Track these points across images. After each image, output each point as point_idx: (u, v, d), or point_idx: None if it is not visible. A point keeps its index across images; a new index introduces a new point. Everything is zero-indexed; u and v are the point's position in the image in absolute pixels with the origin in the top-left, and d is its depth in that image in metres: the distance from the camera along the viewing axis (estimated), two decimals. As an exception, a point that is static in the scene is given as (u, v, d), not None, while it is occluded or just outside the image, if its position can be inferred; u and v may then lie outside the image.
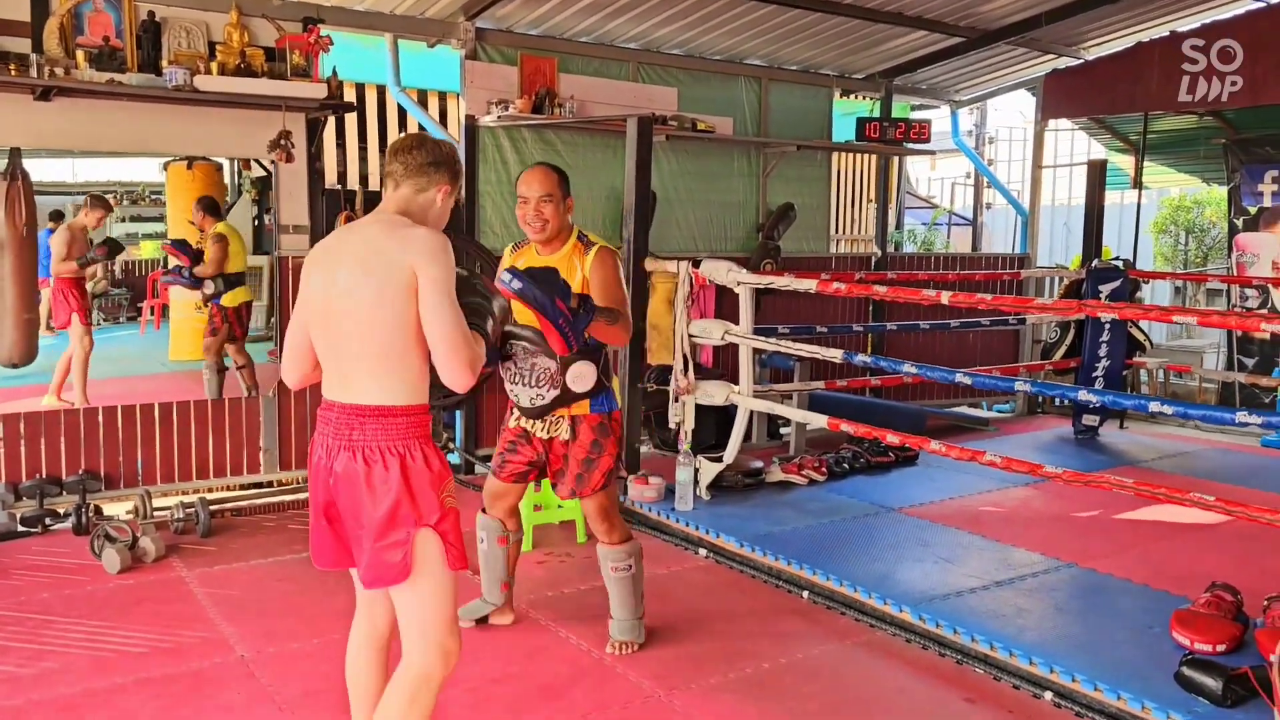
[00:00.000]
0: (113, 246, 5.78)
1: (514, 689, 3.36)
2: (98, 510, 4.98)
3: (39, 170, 5.21)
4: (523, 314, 3.11)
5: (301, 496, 5.56)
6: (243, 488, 5.60)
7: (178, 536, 4.88)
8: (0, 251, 4.95)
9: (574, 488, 3.53)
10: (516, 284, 2.92)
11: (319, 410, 2.42)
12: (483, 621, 3.85)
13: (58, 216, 5.95)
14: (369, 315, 2.28)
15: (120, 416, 5.20)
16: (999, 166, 13.47)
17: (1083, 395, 4.62)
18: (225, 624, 3.85)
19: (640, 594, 3.70)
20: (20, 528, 4.85)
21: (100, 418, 5.15)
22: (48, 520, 4.91)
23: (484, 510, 3.82)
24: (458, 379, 2.29)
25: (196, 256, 5.88)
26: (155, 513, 5.00)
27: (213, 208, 5.81)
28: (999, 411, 8.66)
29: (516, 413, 3.57)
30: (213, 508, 5.05)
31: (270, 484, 5.70)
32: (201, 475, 5.39)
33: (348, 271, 2.32)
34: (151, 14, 4.94)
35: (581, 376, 3.34)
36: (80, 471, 5.07)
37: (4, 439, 4.92)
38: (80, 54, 4.69)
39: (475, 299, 2.49)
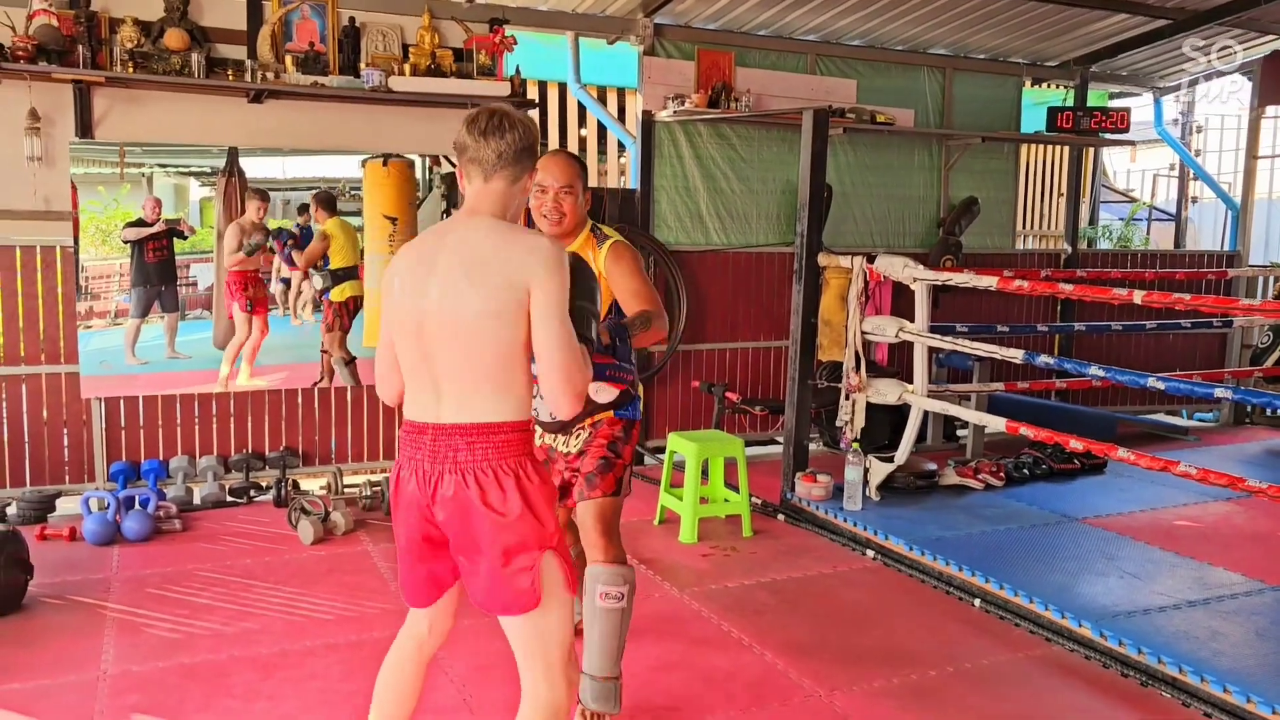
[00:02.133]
0: (269, 234, 5.99)
1: (676, 678, 3.40)
2: (295, 485, 5.36)
3: (253, 168, 5.63)
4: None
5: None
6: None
7: (365, 512, 5.18)
8: (220, 242, 5.39)
9: (583, 489, 3.08)
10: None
11: (403, 433, 2.22)
12: None
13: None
14: (476, 328, 2.09)
15: (317, 399, 5.58)
16: (1207, 157, 12.50)
17: (1296, 405, 4.25)
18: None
19: (623, 642, 3.01)
20: (228, 498, 5.27)
21: (300, 400, 5.55)
22: (252, 492, 5.33)
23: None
24: (565, 406, 2.11)
25: (299, 245, 5.96)
26: (345, 489, 5.32)
27: (328, 202, 5.93)
28: (1200, 420, 8.08)
29: (539, 430, 3.15)
30: (397, 487, 5.33)
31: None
32: (388, 455, 5.71)
33: (447, 281, 2.10)
34: (352, 19, 5.25)
35: (603, 388, 2.97)
36: (281, 448, 5.47)
37: (216, 416, 5.36)
38: (289, 59, 5.04)
39: (584, 302, 2.24)
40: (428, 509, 2.16)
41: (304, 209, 5.88)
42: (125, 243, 5.43)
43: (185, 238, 5.67)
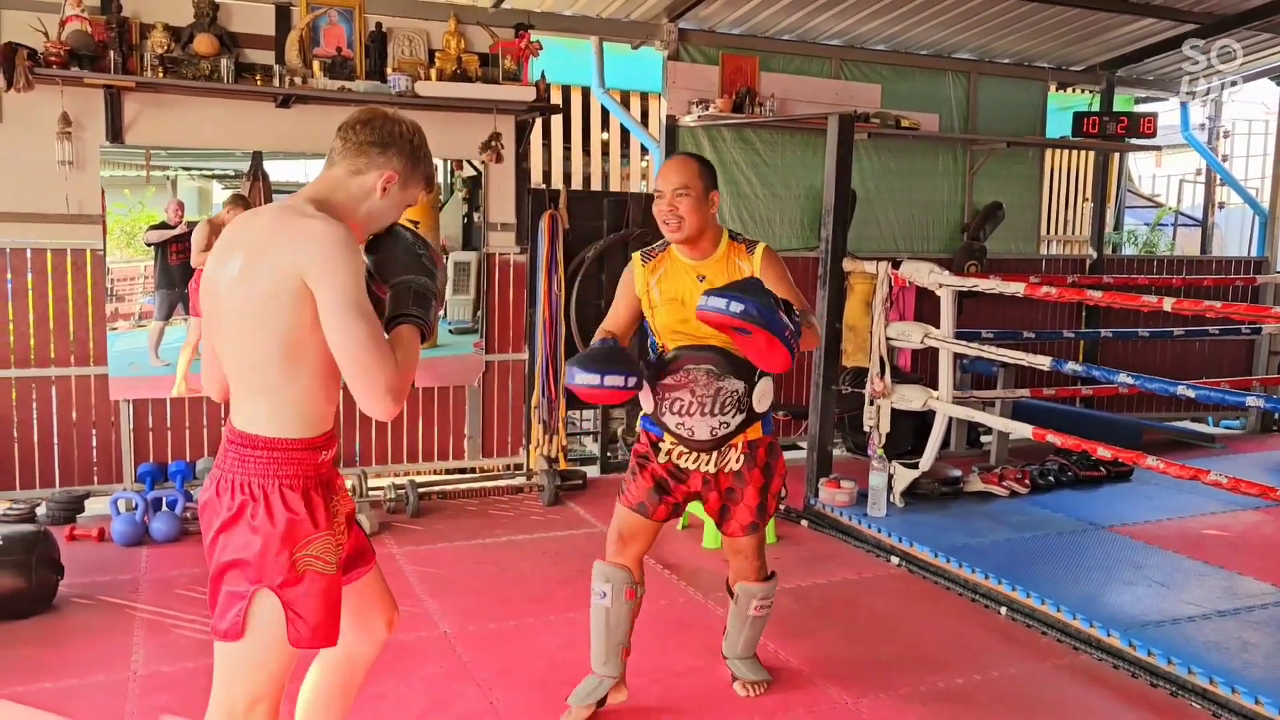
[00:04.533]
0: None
1: (701, 683, 3.39)
2: (320, 487, 5.37)
3: (276, 171, 5.67)
4: (701, 331, 2.83)
5: (503, 484, 5.82)
6: (448, 472, 5.90)
7: (389, 515, 5.20)
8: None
9: (754, 519, 3.11)
10: (738, 306, 2.57)
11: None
12: (601, 704, 3.13)
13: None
14: (241, 325, 1.88)
15: (342, 401, 5.59)
16: (1235, 162, 12.41)
17: (1327, 414, 4.21)
18: (430, 600, 4.07)
19: (760, 638, 3.40)
20: (254, 499, 5.29)
21: (324, 401, 5.56)
22: (277, 494, 5.34)
23: (605, 557, 3.17)
24: (375, 406, 1.84)
25: None
26: (370, 492, 5.34)
27: None
28: (1227, 428, 8.00)
29: (666, 448, 3.05)
30: (421, 490, 5.35)
31: (473, 470, 5.98)
32: (411, 459, 5.73)
33: (236, 267, 1.89)
34: (379, 25, 5.28)
35: (766, 394, 2.98)
36: (306, 450, 5.49)
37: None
38: (316, 64, 5.07)
39: (411, 278, 2.01)
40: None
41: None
42: (149, 245, 5.48)
43: (210, 241, 5.71)
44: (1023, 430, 4.71)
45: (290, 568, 1.90)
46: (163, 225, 5.46)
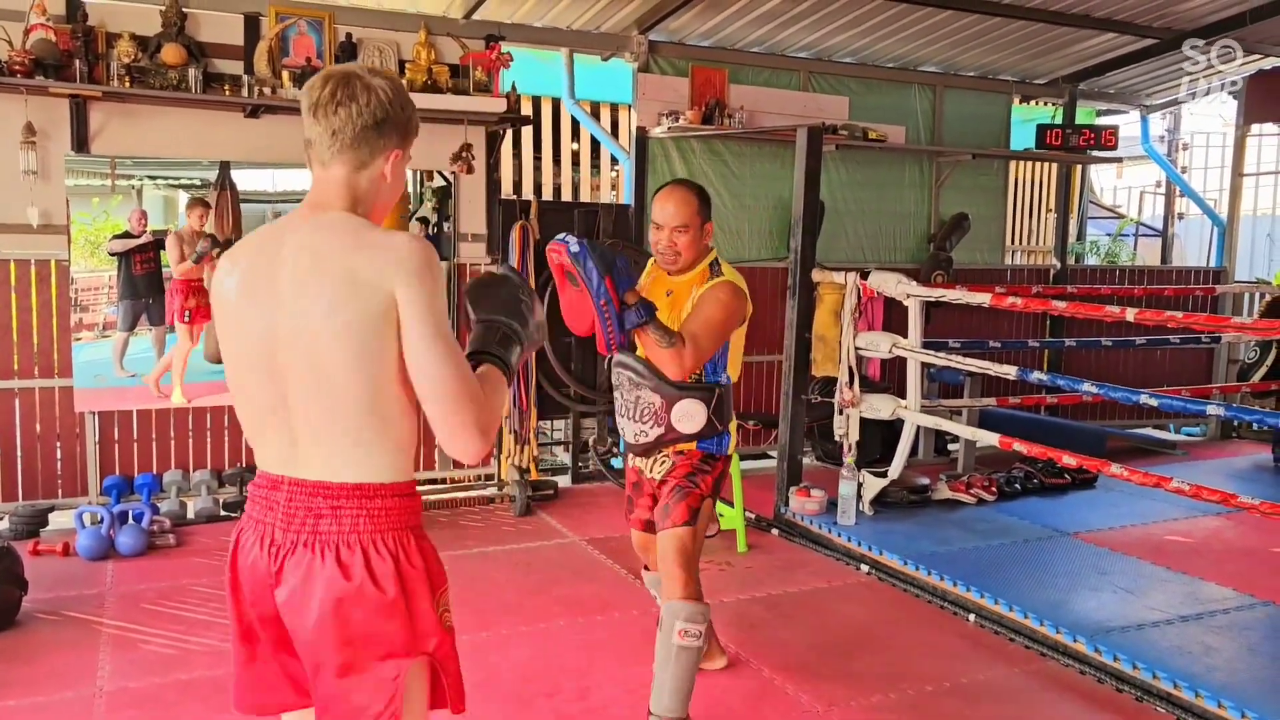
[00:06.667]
0: (213, 239, 5.95)
1: (673, 694, 3.40)
2: (289, 499, 5.32)
3: (243, 180, 5.64)
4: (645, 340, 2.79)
5: (474, 494, 5.80)
6: (419, 483, 5.86)
7: (359, 527, 5.15)
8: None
9: (660, 517, 3.01)
10: (575, 248, 2.58)
11: (252, 488, 1.76)
12: None
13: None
14: (329, 358, 1.60)
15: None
16: (1194, 174, 12.64)
17: (1285, 421, 4.30)
18: (401, 612, 4.05)
19: (693, 683, 2.96)
20: (223, 512, 5.25)
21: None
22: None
23: (646, 565, 3.42)
24: (466, 443, 1.62)
25: None
26: (340, 504, 5.30)
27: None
28: (1188, 435, 8.14)
29: (628, 451, 3.17)
30: (391, 501, 5.31)
31: (444, 480, 5.95)
32: (382, 470, 5.69)
33: (291, 297, 1.63)
34: (349, 35, 5.27)
35: (688, 415, 2.89)
36: (275, 462, 5.44)
37: (210, 430, 5.34)
38: (285, 74, 5.05)
39: (503, 319, 1.79)
40: (270, 587, 1.67)
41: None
42: (112, 254, 5.42)
43: (172, 249, 5.65)
44: (989, 438, 4.78)
45: (438, 624, 1.68)
46: (126, 235, 5.41)
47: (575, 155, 7.96)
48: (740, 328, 3.05)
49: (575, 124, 7.59)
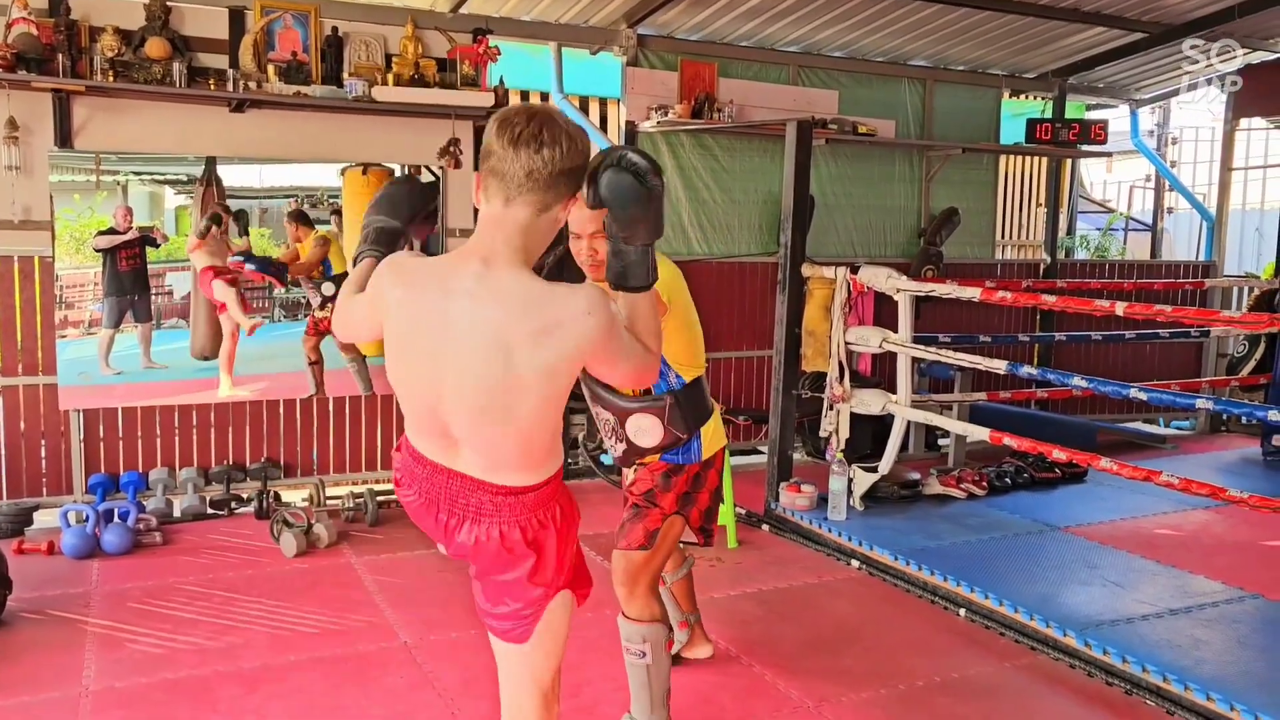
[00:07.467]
0: (216, 216, 5.83)
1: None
2: (276, 496, 5.31)
3: (230, 176, 5.59)
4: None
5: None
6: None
7: (348, 524, 5.14)
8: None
9: (616, 535, 2.93)
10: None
11: (409, 456, 1.95)
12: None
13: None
14: (511, 404, 1.78)
15: (299, 410, 5.54)
16: (1183, 169, 12.65)
17: (1273, 415, 4.29)
18: (390, 610, 4.03)
19: (661, 697, 2.93)
20: (209, 510, 5.21)
21: (281, 410, 5.50)
22: (233, 504, 5.27)
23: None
24: (647, 383, 2.16)
25: (279, 271, 5.91)
26: (328, 501, 5.28)
27: (304, 218, 5.84)
28: (1178, 429, 8.16)
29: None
30: (380, 499, 5.29)
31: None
32: (370, 467, 5.68)
33: (472, 348, 1.76)
34: (335, 29, 5.23)
35: (643, 431, 2.77)
36: (263, 460, 5.42)
37: (196, 427, 5.30)
38: (271, 68, 5.01)
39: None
40: (445, 536, 1.96)
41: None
42: (97, 251, 5.37)
43: (158, 246, 5.61)
44: (980, 433, 4.78)
45: (576, 558, 2.05)
46: (111, 231, 5.36)
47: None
48: (675, 320, 2.80)
49: (564, 119, 7.55)
